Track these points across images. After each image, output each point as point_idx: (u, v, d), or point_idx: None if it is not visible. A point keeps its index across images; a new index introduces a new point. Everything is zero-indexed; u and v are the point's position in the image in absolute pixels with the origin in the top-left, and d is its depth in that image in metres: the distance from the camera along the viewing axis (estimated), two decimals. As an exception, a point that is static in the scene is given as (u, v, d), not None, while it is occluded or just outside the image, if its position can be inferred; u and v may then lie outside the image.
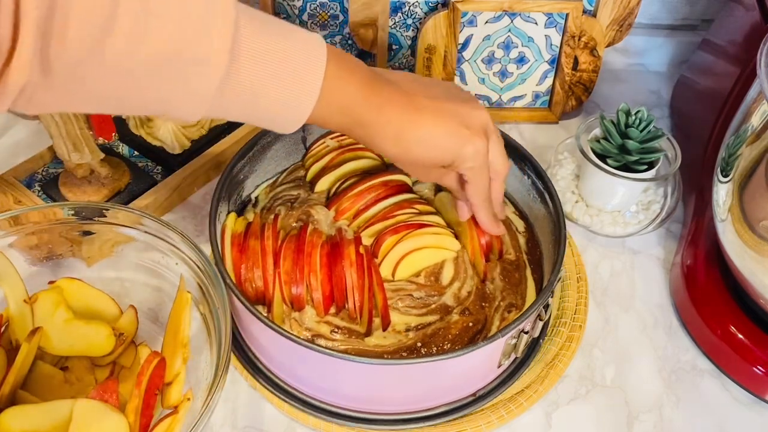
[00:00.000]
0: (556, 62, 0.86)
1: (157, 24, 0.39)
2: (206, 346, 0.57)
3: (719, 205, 0.61)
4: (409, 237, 0.62)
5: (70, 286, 0.59)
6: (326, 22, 0.88)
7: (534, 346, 0.65)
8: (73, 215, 0.60)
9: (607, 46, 0.86)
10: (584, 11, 0.82)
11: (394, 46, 0.88)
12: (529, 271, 0.66)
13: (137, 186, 0.75)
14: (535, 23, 0.82)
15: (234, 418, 0.60)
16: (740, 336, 0.64)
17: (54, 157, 0.77)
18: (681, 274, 0.70)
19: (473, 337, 0.60)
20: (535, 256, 0.67)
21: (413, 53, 0.88)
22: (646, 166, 0.73)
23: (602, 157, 0.74)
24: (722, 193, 0.60)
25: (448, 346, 0.59)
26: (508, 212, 0.71)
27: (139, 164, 0.78)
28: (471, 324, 0.60)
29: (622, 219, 0.76)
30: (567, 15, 0.82)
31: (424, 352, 0.58)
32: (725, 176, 0.60)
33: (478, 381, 0.61)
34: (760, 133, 0.55)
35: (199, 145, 0.79)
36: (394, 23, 0.85)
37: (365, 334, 0.59)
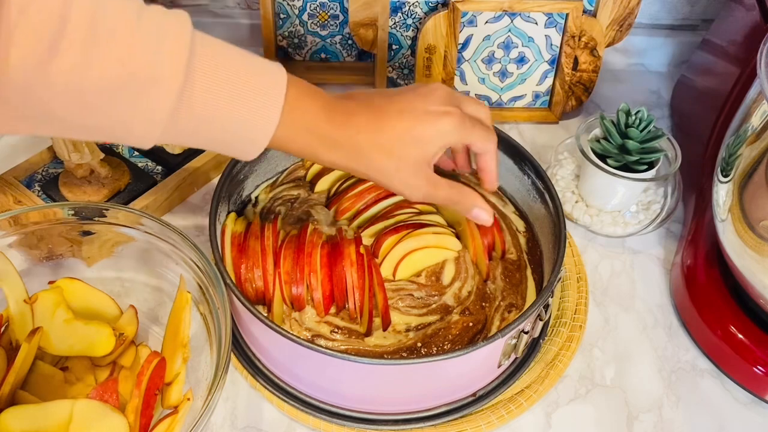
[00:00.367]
0: (556, 62, 0.86)
1: (107, 44, 0.38)
2: (206, 346, 0.57)
3: (719, 205, 0.61)
4: (410, 237, 0.62)
5: (70, 286, 0.59)
6: (326, 22, 0.88)
7: (534, 346, 0.65)
8: (73, 215, 0.60)
9: (607, 46, 0.86)
10: (584, 11, 0.82)
11: (394, 46, 0.88)
12: (529, 271, 0.66)
13: (137, 186, 0.75)
14: (535, 23, 0.82)
15: (234, 418, 0.60)
16: (740, 336, 0.64)
17: (54, 157, 0.77)
18: (681, 274, 0.70)
19: (473, 337, 0.60)
20: (536, 256, 0.67)
21: (413, 53, 0.88)
22: (646, 166, 0.73)
23: (602, 157, 0.74)
24: (722, 193, 0.60)
25: (448, 346, 0.59)
26: (508, 212, 0.71)
27: (139, 164, 0.78)
28: (471, 324, 0.60)
29: (622, 219, 0.76)
30: (567, 15, 0.82)
31: (424, 352, 0.58)
32: (725, 176, 0.60)
33: (478, 381, 0.61)
34: (760, 133, 0.55)
35: (199, 145, 0.79)
36: (394, 23, 0.85)
37: (365, 334, 0.59)
